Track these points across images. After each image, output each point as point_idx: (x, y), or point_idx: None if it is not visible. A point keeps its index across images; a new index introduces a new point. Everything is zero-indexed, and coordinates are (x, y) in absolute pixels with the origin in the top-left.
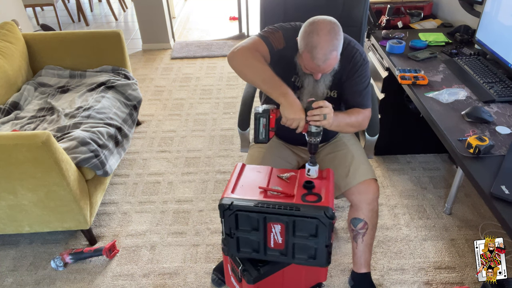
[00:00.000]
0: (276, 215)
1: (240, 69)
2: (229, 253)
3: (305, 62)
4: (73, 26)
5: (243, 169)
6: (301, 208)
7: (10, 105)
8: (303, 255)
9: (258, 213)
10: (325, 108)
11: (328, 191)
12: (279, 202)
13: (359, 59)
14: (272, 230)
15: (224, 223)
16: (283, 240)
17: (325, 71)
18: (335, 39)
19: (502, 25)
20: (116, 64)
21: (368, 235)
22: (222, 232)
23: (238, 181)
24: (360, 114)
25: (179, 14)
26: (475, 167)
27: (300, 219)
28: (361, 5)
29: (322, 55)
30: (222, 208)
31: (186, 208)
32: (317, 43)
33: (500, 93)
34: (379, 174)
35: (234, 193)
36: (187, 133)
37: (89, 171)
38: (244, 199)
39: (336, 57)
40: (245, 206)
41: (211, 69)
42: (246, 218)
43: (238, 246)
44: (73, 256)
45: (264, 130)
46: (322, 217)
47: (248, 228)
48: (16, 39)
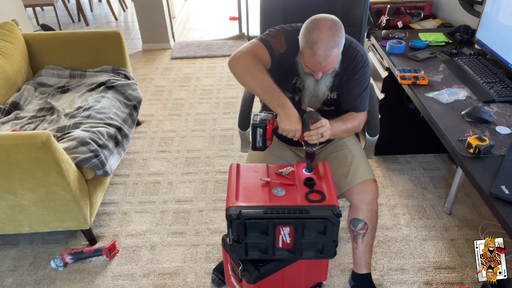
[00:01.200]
0: (286, 219)
1: (241, 77)
2: (237, 258)
3: (305, 60)
4: (73, 26)
5: (239, 170)
6: (310, 210)
7: (10, 105)
8: (311, 251)
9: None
10: (322, 127)
11: (329, 187)
12: (287, 206)
13: (360, 61)
14: (281, 232)
15: (232, 231)
16: (291, 240)
17: (325, 68)
18: (336, 36)
19: (502, 25)
20: (116, 64)
21: (368, 235)
22: (229, 238)
23: (238, 185)
24: (356, 119)
25: (179, 14)
26: (475, 167)
27: (309, 221)
28: (361, 5)
29: (323, 51)
30: (230, 218)
31: (186, 208)
32: (318, 38)
33: (500, 93)
34: (379, 174)
35: (239, 200)
36: (187, 133)
37: (89, 171)
38: (252, 206)
39: (337, 55)
40: (254, 214)
41: (211, 69)
42: (255, 224)
43: (247, 250)
44: (73, 256)
45: (261, 139)
46: (331, 216)
47: (256, 233)
48: (16, 39)
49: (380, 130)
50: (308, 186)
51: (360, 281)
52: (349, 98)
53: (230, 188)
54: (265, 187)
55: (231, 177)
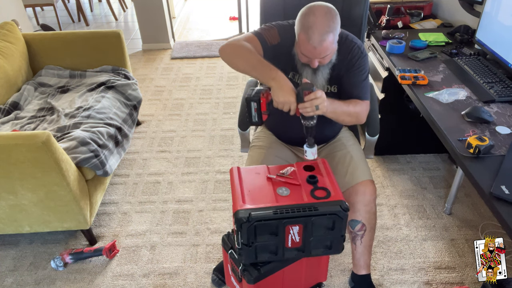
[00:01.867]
0: (296, 218)
1: (230, 59)
2: (246, 262)
3: (301, 46)
4: (73, 26)
5: (241, 173)
6: (318, 207)
7: (10, 105)
8: (320, 248)
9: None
10: (316, 99)
11: (333, 183)
12: (296, 205)
13: (357, 52)
14: (290, 232)
15: (242, 235)
16: (300, 239)
17: (321, 55)
18: (331, 21)
19: (502, 25)
20: (116, 64)
21: (366, 237)
22: (237, 243)
23: (243, 188)
24: (358, 105)
25: (179, 14)
26: (475, 167)
27: (318, 217)
28: (361, 5)
29: (318, 35)
30: (240, 221)
31: (186, 208)
32: (313, 23)
33: (500, 93)
34: (379, 174)
35: (246, 203)
36: (187, 133)
37: (89, 171)
38: (260, 207)
39: (333, 42)
40: (265, 215)
41: (211, 69)
42: (265, 226)
43: (256, 253)
44: (73, 256)
45: (256, 113)
46: (340, 211)
47: (266, 235)
48: (16, 39)
49: (380, 130)
50: (311, 183)
51: (359, 282)
52: (349, 88)
53: (235, 192)
54: (270, 188)
55: (234, 181)
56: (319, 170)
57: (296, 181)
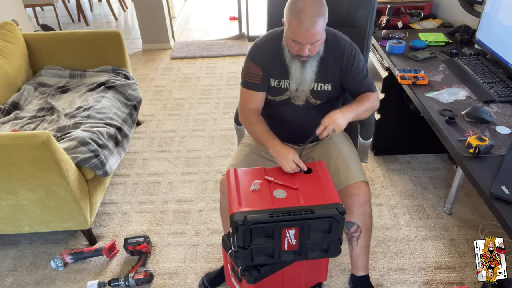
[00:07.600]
0: (292, 221)
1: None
2: (243, 265)
3: (293, 32)
4: (73, 26)
5: (237, 175)
6: (315, 210)
7: (10, 105)
8: (317, 251)
9: (274, 223)
10: (330, 126)
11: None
12: (293, 208)
13: (350, 50)
14: (286, 235)
15: (237, 238)
16: (297, 242)
17: (313, 39)
18: (320, 5)
19: (502, 25)
20: (116, 64)
21: (362, 238)
22: (233, 245)
23: (239, 190)
24: (370, 97)
25: (179, 14)
26: (475, 167)
27: (314, 220)
28: (366, 7)
29: (310, 17)
30: (235, 224)
31: (186, 208)
32: (302, 6)
33: (500, 93)
34: (379, 174)
35: (242, 206)
36: (187, 133)
37: (89, 171)
38: (256, 210)
39: (323, 26)
40: (260, 219)
41: (211, 69)
42: (261, 229)
43: (252, 256)
44: (73, 256)
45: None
46: (336, 215)
47: (262, 238)
48: (16, 39)
49: (380, 130)
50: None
51: (358, 283)
52: (357, 87)
53: (231, 194)
54: (266, 191)
55: (230, 183)
56: (316, 172)
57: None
